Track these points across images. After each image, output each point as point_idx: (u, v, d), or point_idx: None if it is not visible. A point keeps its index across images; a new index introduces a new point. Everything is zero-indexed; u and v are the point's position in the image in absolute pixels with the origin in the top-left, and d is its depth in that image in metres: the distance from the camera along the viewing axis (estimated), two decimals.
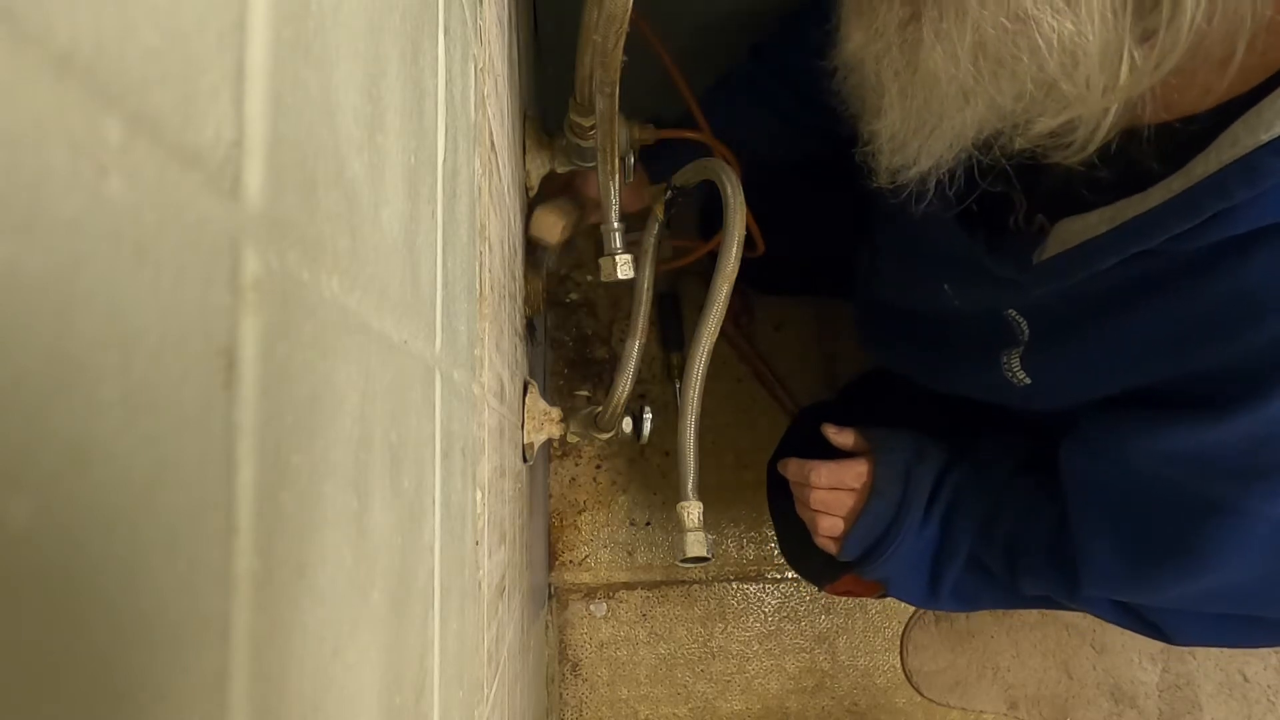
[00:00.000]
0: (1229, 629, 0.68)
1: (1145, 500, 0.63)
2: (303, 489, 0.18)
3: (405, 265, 0.27)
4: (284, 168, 0.17)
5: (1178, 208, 0.49)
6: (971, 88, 0.48)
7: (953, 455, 0.80)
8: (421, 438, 0.30)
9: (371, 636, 0.23)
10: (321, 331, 0.19)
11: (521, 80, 0.74)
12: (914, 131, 0.53)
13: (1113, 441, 0.63)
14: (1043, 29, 0.43)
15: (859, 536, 0.79)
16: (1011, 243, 0.62)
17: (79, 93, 0.11)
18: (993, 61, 0.46)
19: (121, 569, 0.12)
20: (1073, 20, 0.43)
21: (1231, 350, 0.53)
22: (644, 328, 0.68)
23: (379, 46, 0.24)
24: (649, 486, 1.37)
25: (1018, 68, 0.45)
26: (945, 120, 0.51)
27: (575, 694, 1.35)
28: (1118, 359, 0.61)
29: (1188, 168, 0.49)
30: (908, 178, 0.56)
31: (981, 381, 0.74)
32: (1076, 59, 0.44)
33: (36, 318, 0.10)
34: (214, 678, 0.14)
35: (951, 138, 0.52)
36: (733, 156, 0.79)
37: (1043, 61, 0.44)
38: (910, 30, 0.49)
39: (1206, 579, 0.61)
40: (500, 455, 0.55)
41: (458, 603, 0.37)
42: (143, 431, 0.12)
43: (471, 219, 0.42)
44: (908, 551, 0.78)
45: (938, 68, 0.48)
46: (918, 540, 0.78)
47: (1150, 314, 0.57)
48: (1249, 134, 0.46)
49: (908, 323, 0.87)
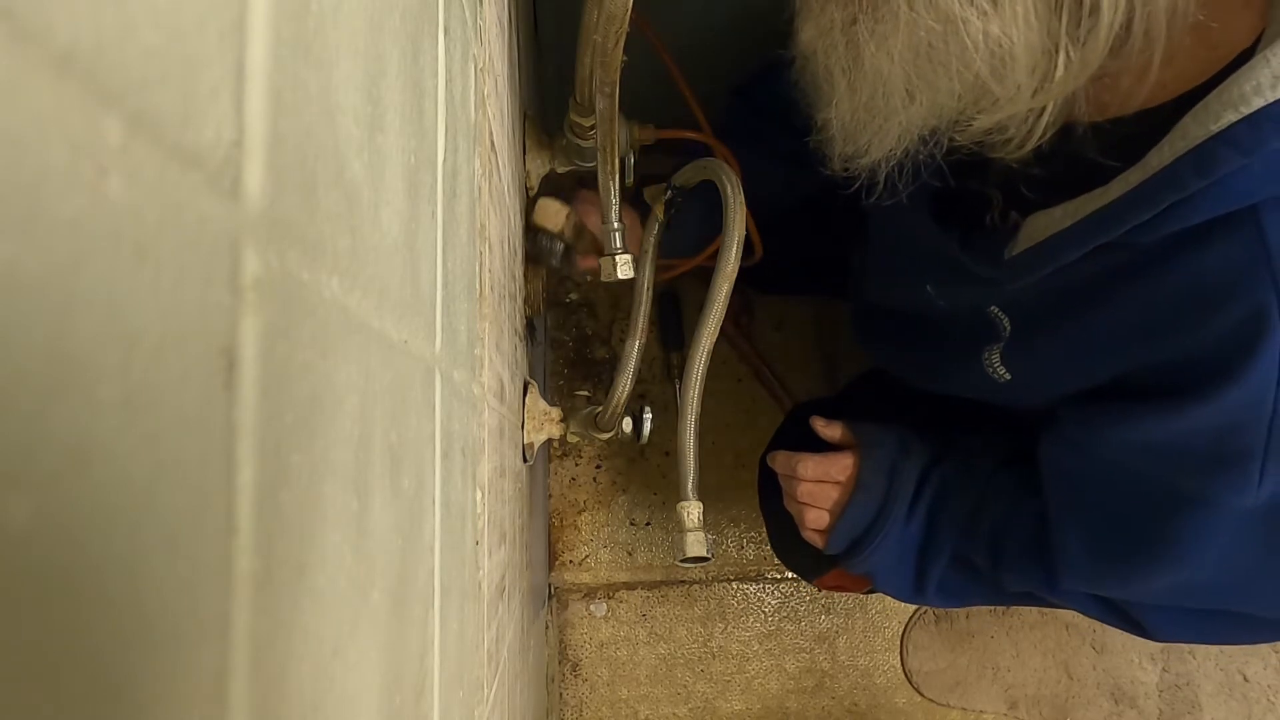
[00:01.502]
0: (1208, 625, 0.68)
1: (1117, 493, 0.64)
2: (303, 489, 0.18)
3: (405, 265, 0.27)
4: (284, 168, 0.17)
5: (1135, 200, 0.51)
6: (914, 85, 0.50)
7: (938, 451, 0.80)
8: (421, 438, 0.30)
9: (371, 636, 0.23)
10: (321, 331, 0.19)
11: (521, 80, 0.74)
12: (863, 124, 0.55)
13: (1086, 434, 0.64)
14: (970, 30, 0.46)
15: (844, 530, 0.79)
16: (985, 239, 0.64)
17: (79, 93, 0.11)
18: (926, 62, 0.48)
19: (121, 569, 0.12)
20: (999, 23, 0.45)
21: (1195, 339, 0.54)
22: (644, 328, 0.68)
23: (379, 46, 0.24)
24: (649, 486, 1.37)
25: (950, 68, 0.48)
26: (892, 116, 0.53)
27: (575, 694, 1.35)
28: (1089, 352, 0.62)
29: (1144, 161, 0.51)
30: (859, 166, 0.58)
31: (967, 380, 0.74)
32: (1004, 60, 0.46)
33: (36, 318, 0.10)
34: (214, 678, 0.14)
35: (899, 131, 0.54)
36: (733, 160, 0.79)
37: (971, 61, 0.47)
38: (852, 30, 0.51)
39: (1177, 572, 0.61)
40: (500, 455, 0.55)
41: (458, 603, 0.37)
42: (143, 431, 0.12)
43: (471, 219, 0.42)
44: (893, 545, 0.78)
45: (879, 66, 0.50)
46: (903, 535, 0.78)
47: (1117, 306, 0.58)
48: (1199, 125, 0.47)
49: (896, 322, 0.87)
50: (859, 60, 0.51)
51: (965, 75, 0.47)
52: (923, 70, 0.49)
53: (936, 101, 0.50)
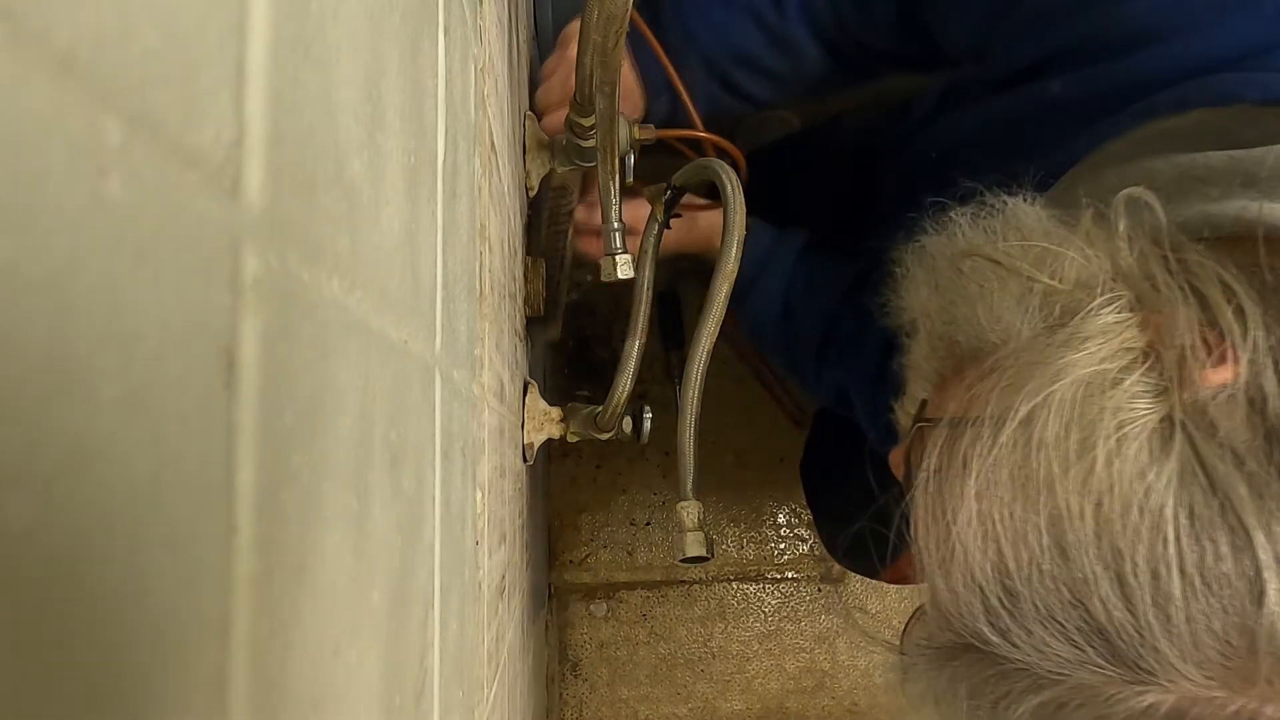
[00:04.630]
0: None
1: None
2: (303, 489, 0.18)
3: (405, 265, 0.27)
4: (284, 168, 0.17)
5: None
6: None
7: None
8: (421, 438, 0.30)
9: (371, 636, 0.23)
10: (321, 331, 0.19)
11: (521, 80, 0.74)
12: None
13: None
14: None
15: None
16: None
17: (79, 93, 0.11)
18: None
19: (122, 569, 0.12)
20: None
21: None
22: (644, 328, 0.68)
23: (379, 46, 0.24)
24: (649, 486, 1.37)
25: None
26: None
27: (575, 694, 1.35)
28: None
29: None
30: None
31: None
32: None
33: (36, 318, 0.10)
34: (214, 678, 0.14)
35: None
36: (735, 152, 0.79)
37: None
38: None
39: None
40: (500, 455, 0.55)
41: (458, 603, 0.37)
42: (143, 431, 0.12)
43: (471, 219, 0.42)
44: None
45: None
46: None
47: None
48: None
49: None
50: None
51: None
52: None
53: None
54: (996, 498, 0.38)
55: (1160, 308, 0.38)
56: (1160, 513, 0.34)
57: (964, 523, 0.38)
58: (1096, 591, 0.35)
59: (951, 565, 0.39)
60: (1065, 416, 0.36)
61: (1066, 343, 0.38)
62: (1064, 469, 0.36)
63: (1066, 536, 0.36)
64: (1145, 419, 0.35)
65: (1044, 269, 0.41)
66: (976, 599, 0.39)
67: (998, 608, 0.38)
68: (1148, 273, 0.39)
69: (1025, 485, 0.37)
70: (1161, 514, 0.34)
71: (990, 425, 0.38)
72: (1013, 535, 0.37)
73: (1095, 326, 0.38)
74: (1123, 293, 0.39)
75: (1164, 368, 0.36)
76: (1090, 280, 0.40)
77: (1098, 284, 0.39)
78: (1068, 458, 0.36)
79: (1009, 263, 0.42)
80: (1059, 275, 0.40)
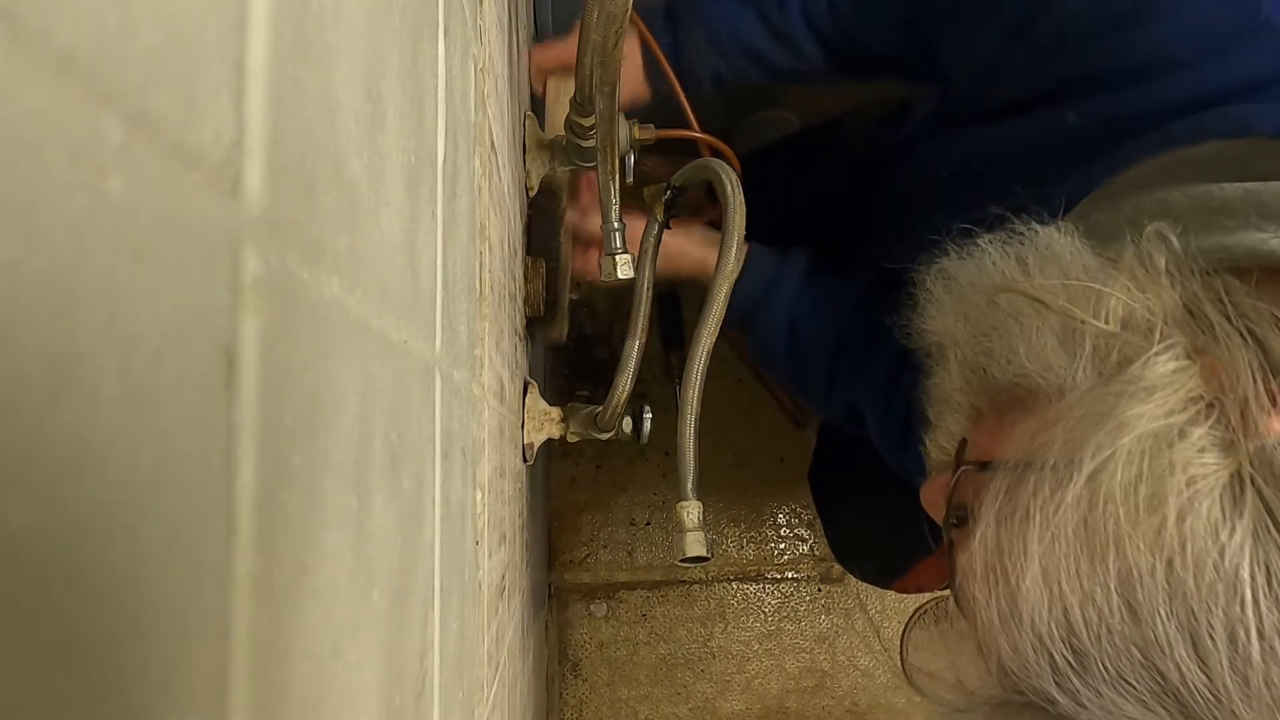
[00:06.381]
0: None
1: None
2: (303, 489, 0.18)
3: (405, 265, 0.27)
4: (284, 168, 0.17)
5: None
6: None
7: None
8: (421, 438, 0.30)
9: (372, 636, 0.23)
10: (321, 331, 0.19)
11: (521, 80, 0.74)
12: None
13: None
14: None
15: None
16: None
17: (79, 93, 0.11)
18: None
19: (122, 569, 0.12)
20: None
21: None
22: (644, 328, 0.68)
23: (379, 46, 0.24)
24: (649, 486, 1.37)
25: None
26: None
27: (575, 694, 1.35)
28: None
29: None
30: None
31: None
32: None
33: (36, 318, 0.10)
34: (214, 678, 0.14)
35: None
36: (732, 154, 0.79)
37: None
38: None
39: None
40: (500, 455, 0.55)
41: (458, 603, 0.37)
42: (143, 431, 0.12)
43: (471, 219, 0.42)
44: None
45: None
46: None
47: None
48: None
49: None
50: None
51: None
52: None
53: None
54: (1062, 554, 0.36)
55: (1218, 354, 0.36)
56: (1236, 573, 0.33)
57: (1030, 580, 0.37)
58: (1170, 654, 0.34)
59: (1016, 623, 0.38)
60: (1134, 471, 0.35)
61: (1132, 394, 0.36)
62: (1133, 525, 0.35)
63: (1137, 595, 0.35)
64: (1215, 474, 0.34)
65: (1087, 308, 0.39)
66: (1044, 659, 0.37)
67: (1065, 669, 0.37)
68: (1201, 315, 0.38)
69: (1092, 541, 0.36)
70: (1238, 574, 0.33)
71: (1052, 476, 0.37)
72: (1080, 594, 0.36)
73: (1156, 376, 0.36)
74: (1179, 339, 0.37)
75: (1229, 419, 0.35)
76: (1139, 323, 0.38)
77: (1149, 328, 0.38)
78: (1137, 514, 0.35)
79: (1052, 301, 0.40)
80: (1104, 315, 0.39)
